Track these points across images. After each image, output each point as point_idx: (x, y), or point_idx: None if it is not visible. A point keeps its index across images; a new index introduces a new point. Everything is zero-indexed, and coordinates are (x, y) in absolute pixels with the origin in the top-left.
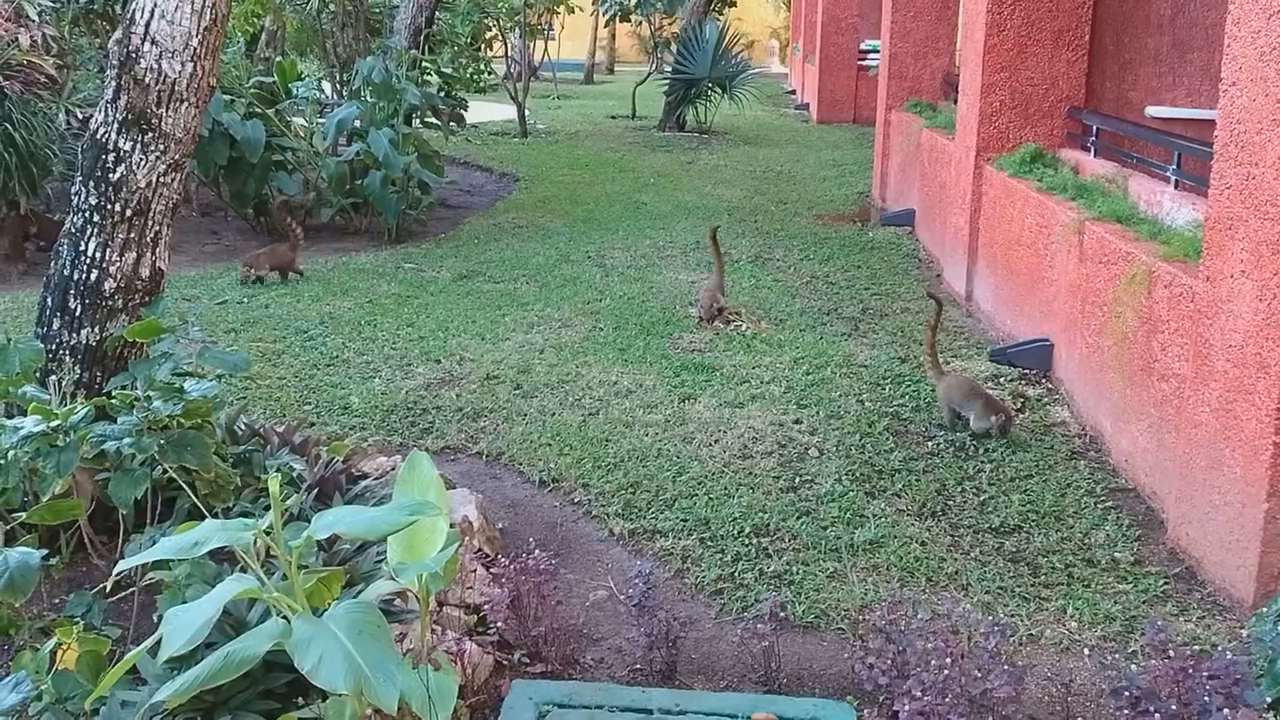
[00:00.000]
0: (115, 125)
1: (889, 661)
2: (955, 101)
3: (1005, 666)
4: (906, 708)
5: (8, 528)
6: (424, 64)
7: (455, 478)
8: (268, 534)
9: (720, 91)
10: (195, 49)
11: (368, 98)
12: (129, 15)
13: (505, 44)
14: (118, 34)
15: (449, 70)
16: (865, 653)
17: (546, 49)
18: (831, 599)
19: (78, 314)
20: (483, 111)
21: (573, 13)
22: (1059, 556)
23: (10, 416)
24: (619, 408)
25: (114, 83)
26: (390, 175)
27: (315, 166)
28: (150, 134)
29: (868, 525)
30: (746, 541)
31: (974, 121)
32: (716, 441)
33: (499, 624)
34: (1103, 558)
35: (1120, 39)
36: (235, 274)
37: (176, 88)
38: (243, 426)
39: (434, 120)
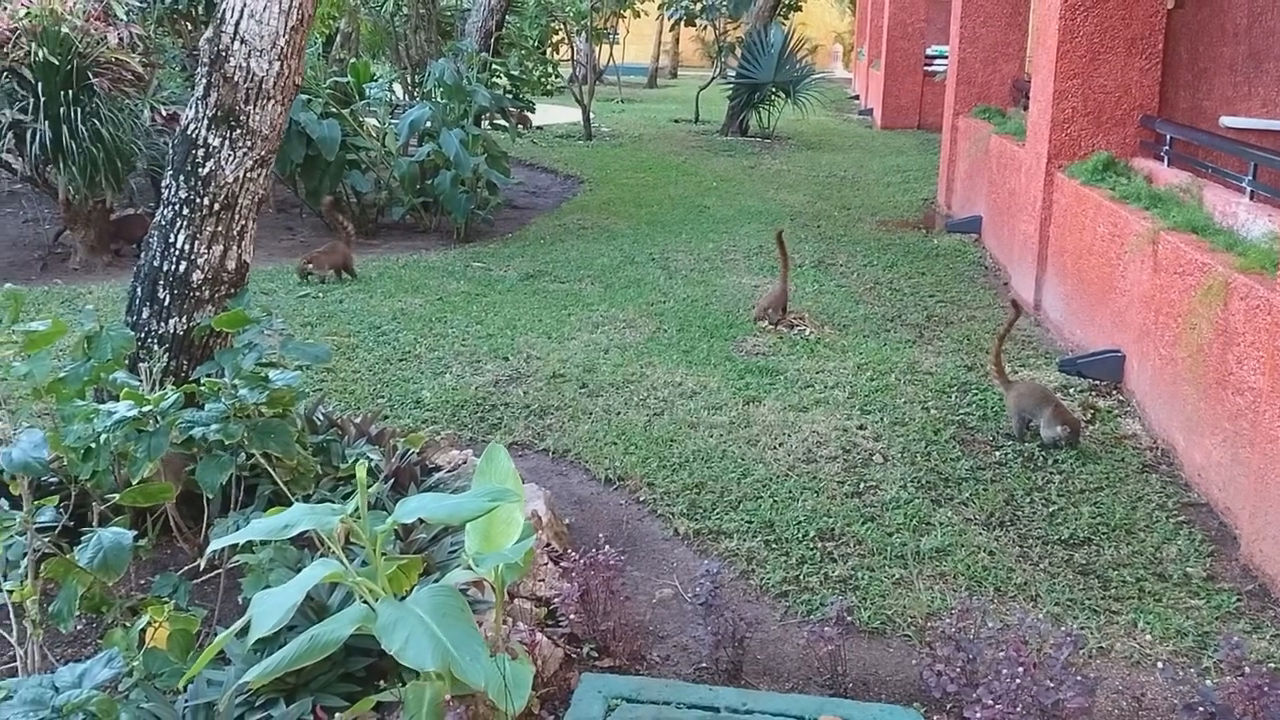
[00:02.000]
0: (205, 121)
1: (958, 669)
2: (1025, 108)
3: (1078, 677)
4: (978, 715)
5: (99, 509)
6: (493, 66)
7: (523, 473)
8: (355, 518)
9: (784, 96)
10: (282, 48)
11: (439, 99)
12: (219, 14)
13: (572, 48)
14: (208, 33)
15: (517, 73)
16: (933, 660)
17: (611, 53)
18: (897, 605)
19: (166, 304)
20: (548, 114)
21: (639, 17)
22: (1129, 570)
23: (102, 401)
24: (683, 408)
25: (204, 80)
26: (460, 175)
27: (387, 166)
28: (238, 130)
29: (934, 533)
30: (811, 545)
31: (1045, 128)
32: (781, 445)
33: (571, 617)
34: (1174, 572)
35: (1195, 48)
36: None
37: (264, 86)
38: (321, 417)
39: (502, 122)
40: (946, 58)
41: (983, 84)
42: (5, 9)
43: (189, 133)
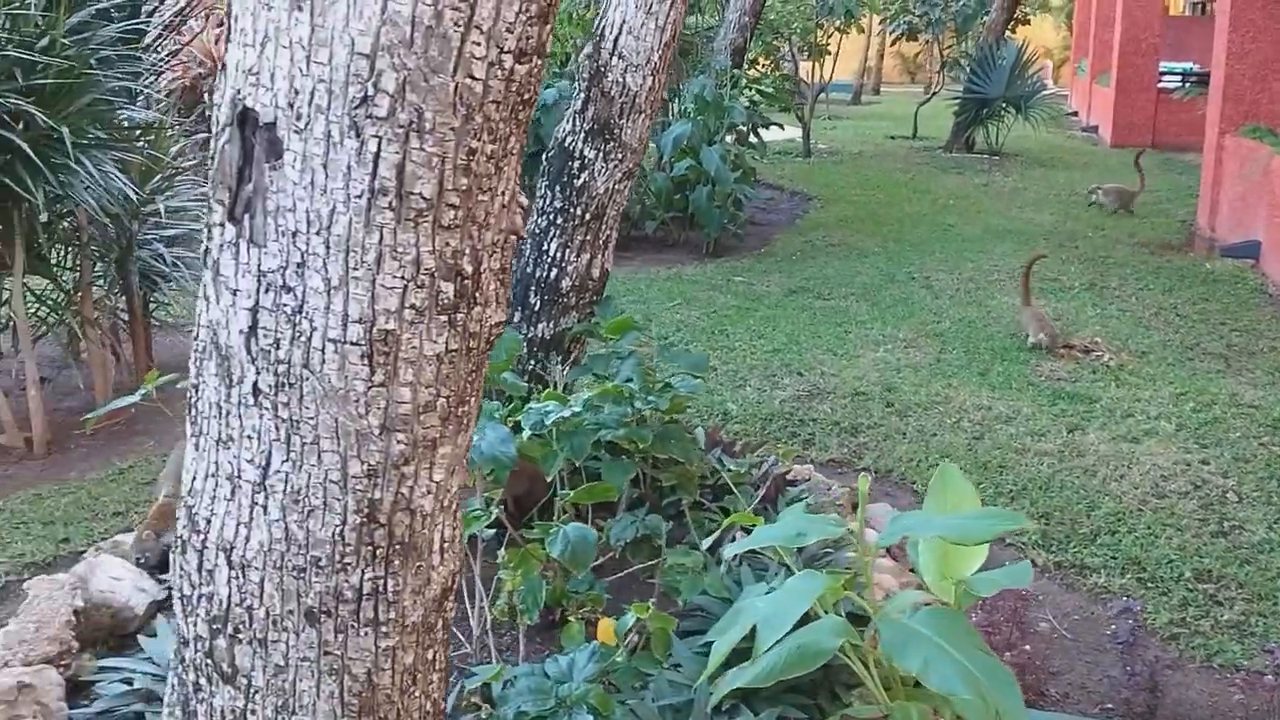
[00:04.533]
0: (582, 134)
1: None
2: None
3: None
4: None
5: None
6: (746, 82)
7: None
8: (851, 532)
9: (1015, 111)
10: (655, 63)
11: (694, 115)
12: (598, 31)
13: (795, 65)
14: (587, 49)
15: (768, 88)
16: None
17: (830, 70)
18: None
19: (536, 309)
20: (764, 131)
21: (862, 32)
22: None
23: (490, 399)
24: (1003, 433)
25: (583, 95)
26: (720, 190)
27: (640, 180)
28: (611, 143)
29: None
30: (1190, 586)
31: None
32: (1122, 477)
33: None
34: None
35: None
36: None
37: (636, 100)
38: None
39: (751, 139)
40: (1180, 74)
41: (1251, 102)
42: None
43: (566, 145)
